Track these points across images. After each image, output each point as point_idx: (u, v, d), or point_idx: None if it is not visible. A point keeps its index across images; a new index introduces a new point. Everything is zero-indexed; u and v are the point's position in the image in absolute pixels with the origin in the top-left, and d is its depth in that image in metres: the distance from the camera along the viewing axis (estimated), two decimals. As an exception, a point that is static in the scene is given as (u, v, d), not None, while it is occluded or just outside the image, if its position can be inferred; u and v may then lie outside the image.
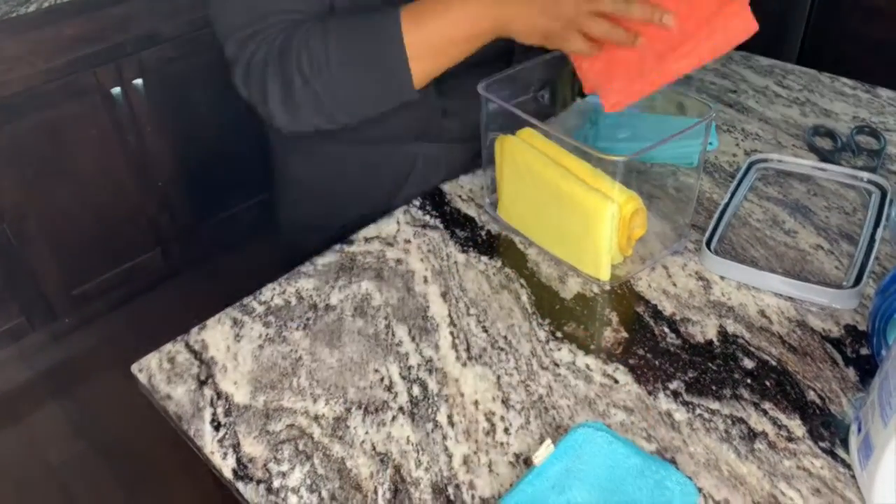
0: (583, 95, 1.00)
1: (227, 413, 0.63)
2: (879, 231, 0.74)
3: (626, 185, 0.69)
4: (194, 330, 0.71)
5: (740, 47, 1.16)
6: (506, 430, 0.60)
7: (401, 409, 0.62)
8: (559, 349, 0.67)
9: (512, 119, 0.74)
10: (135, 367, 0.68)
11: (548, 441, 0.55)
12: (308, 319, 0.71)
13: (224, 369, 0.67)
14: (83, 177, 1.75)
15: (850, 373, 0.63)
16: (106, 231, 1.84)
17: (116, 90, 1.72)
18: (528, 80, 0.81)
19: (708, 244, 0.75)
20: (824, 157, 0.89)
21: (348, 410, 0.62)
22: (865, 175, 0.83)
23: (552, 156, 0.72)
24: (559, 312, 0.71)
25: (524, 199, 0.76)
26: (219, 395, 0.64)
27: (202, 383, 0.66)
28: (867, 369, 0.63)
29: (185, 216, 1.97)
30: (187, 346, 0.70)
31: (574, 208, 0.69)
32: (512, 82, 0.79)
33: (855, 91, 1.03)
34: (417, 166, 0.94)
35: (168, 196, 1.92)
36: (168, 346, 0.70)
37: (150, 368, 0.68)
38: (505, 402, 0.62)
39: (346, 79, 0.73)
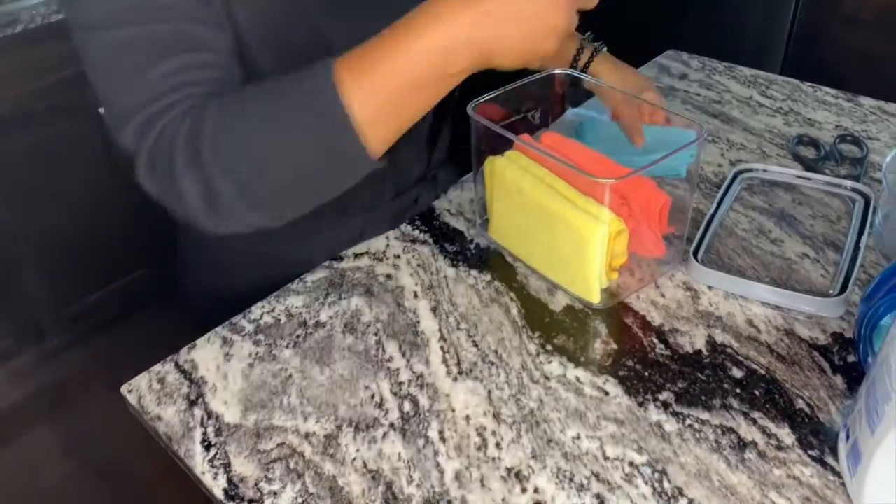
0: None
1: (218, 433, 0.62)
2: (864, 239, 0.75)
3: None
4: (184, 350, 0.71)
5: (724, 58, 1.18)
6: (497, 445, 0.60)
7: (392, 425, 0.62)
8: (549, 362, 0.67)
9: (501, 140, 0.75)
10: (124, 389, 0.68)
11: None
12: (298, 337, 0.71)
13: (214, 389, 0.67)
14: (72, 196, 1.75)
15: (838, 380, 0.63)
16: (96, 250, 1.83)
17: (105, 109, 1.72)
18: (517, 100, 0.82)
19: (695, 254, 0.75)
20: (808, 166, 0.90)
21: (339, 428, 0.62)
22: (849, 183, 0.84)
23: (541, 177, 0.73)
24: (549, 325, 0.71)
25: (515, 220, 0.77)
26: (209, 414, 0.64)
27: (192, 403, 0.65)
28: (854, 377, 0.63)
29: (175, 236, 1.96)
30: (177, 366, 0.69)
31: (565, 230, 0.70)
32: (502, 103, 0.79)
33: (837, 100, 1.04)
34: (365, 233, 0.84)
35: (157, 215, 1.91)
36: (157, 367, 0.69)
37: (140, 389, 0.67)
38: (496, 416, 0.62)
39: (281, 161, 0.57)
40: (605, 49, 0.90)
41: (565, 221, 0.69)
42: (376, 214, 0.86)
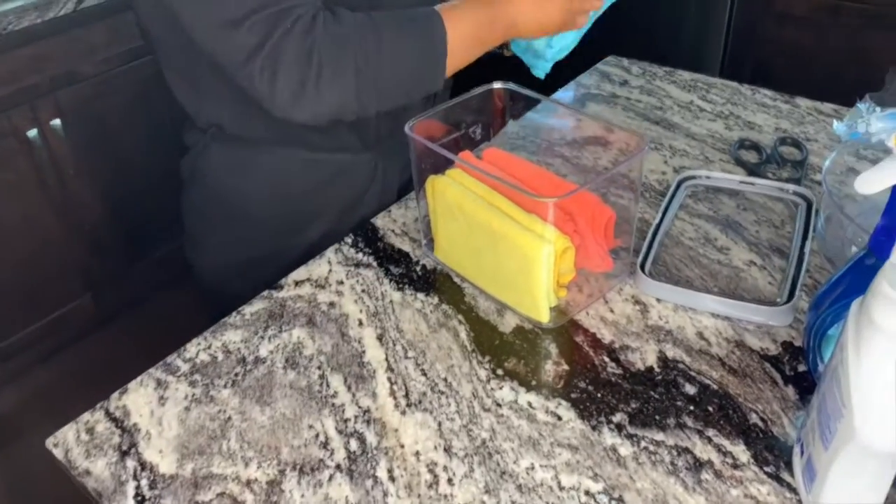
0: (514, 117, 1.00)
1: (153, 485, 0.59)
2: (808, 243, 0.75)
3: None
4: (115, 395, 0.67)
5: (664, 62, 1.18)
6: (449, 481, 0.57)
7: (338, 466, 0.59)
8: (500, 388, 0.65)
9: (442, 157, 0.72)
10: (49, 442, 0.63)
11: None
12: (236, 375, 0.67)
13: (148, 437, 0.63)
14: (2, 225, 1.66)
15: (790, 391, 0.63)
16: (30, 280, 1.75)
17: (33, 132, 1.64)
18: (458, 117, 0.80)
19: (642, 267, 0.74)
20: (751, 170, 0.90)
21: (282, 472, 0.59)
22: (791, 187, 0.84)
23: (483, 195, 0.71)
24: (499, 348, 0.69)
25: (460, 240, 0.75)
26: (143, 465, 0.60)
27: (124, 454, 0.61)
28: (805, 386, 0.63)
29: (117, 259, 1.90)
30: (107, 413, 0.65)
31: (510, 251, 0.68)
32: (442, 119, 0.77)
33: (775, 102, 1.05)
34: (377, 176, 0.94)
35: (97, 239, 1.84)
36: (86, 416, 0.65)
37: (67, 442, 0.63)
38: (447, 450, 0.60)
39: (393, 67, 0.74)
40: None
41: (510, 241, 0.67)
42: (390, 150, 0.94)
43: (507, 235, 0.68)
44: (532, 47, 0.91)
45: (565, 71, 1.16)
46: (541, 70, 0.92)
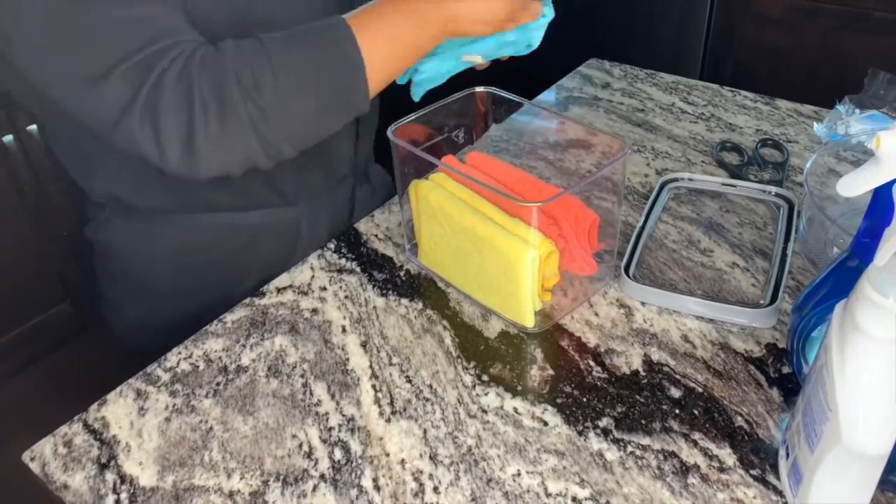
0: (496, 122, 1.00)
1: (133, 499, 0.57)
2: (790, 245, 0.75)
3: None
4: (93, 407, 0.65)
5: (645, 64, 1.18)
6: (435, 489, 0.57)
7: (322, 476, 0.58)
8: (486, 394, 0.64)
9: (425, 161, 0.72)
10: (26, 456, 0.62)
11: None
12: (218, 384, 0.66)
13: (128, 449, 0.61)
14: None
15: (775, 393, 0.63)
16: (7, 287, 1.72)
17: (8, 138, 1.61)
18: (440, 120, 0.79)
19: (626, 270, 0.74)
20: (733, 172, 0.91)
21: (265, 483, 0.58)
22: (773, 189, 0.84)
23: (466, 199, 0.70)
24: (484, 353, 0.68)
25: (443, 244, 0.74)
26: (122, 479, 0.59)
27: (103, 467, 0.60)
28: (790, 388, 0.63)
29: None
30: (86, 425, 0.64)
31: (494, 255, 0.67)
32: (424, 123, 0.77)
33: (756, 104, 1.06)
34: (302, 233, 0.88)
35: (75, 245, 1.81)
36: (64, 429, 0.64)
37: (44, 456, 0.62)
38: (433, 457, 0.59)
39: (296, 93, 0.62)
40: None
41: (494, 246, 0.67)
42: (313, 202, 0.88)
43: (491, 240, 0.67)
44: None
45: (547, 74, 1.16)
46: (414, 94, 0.80)
